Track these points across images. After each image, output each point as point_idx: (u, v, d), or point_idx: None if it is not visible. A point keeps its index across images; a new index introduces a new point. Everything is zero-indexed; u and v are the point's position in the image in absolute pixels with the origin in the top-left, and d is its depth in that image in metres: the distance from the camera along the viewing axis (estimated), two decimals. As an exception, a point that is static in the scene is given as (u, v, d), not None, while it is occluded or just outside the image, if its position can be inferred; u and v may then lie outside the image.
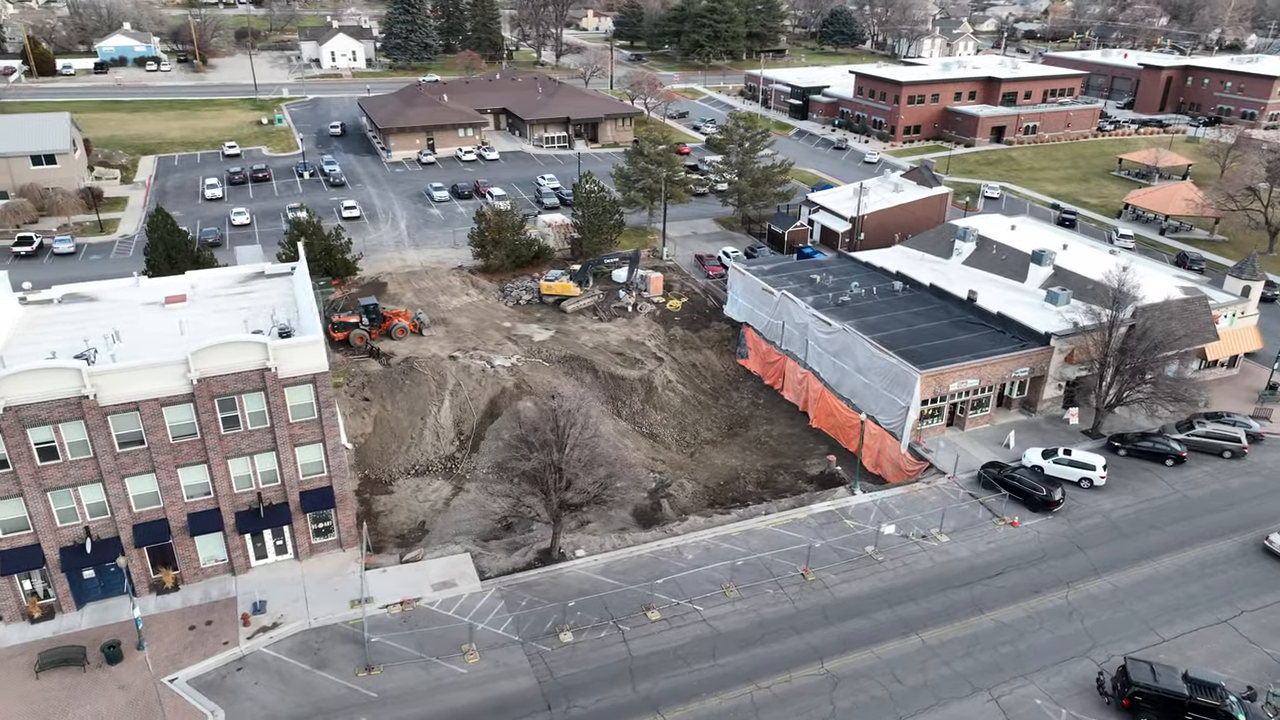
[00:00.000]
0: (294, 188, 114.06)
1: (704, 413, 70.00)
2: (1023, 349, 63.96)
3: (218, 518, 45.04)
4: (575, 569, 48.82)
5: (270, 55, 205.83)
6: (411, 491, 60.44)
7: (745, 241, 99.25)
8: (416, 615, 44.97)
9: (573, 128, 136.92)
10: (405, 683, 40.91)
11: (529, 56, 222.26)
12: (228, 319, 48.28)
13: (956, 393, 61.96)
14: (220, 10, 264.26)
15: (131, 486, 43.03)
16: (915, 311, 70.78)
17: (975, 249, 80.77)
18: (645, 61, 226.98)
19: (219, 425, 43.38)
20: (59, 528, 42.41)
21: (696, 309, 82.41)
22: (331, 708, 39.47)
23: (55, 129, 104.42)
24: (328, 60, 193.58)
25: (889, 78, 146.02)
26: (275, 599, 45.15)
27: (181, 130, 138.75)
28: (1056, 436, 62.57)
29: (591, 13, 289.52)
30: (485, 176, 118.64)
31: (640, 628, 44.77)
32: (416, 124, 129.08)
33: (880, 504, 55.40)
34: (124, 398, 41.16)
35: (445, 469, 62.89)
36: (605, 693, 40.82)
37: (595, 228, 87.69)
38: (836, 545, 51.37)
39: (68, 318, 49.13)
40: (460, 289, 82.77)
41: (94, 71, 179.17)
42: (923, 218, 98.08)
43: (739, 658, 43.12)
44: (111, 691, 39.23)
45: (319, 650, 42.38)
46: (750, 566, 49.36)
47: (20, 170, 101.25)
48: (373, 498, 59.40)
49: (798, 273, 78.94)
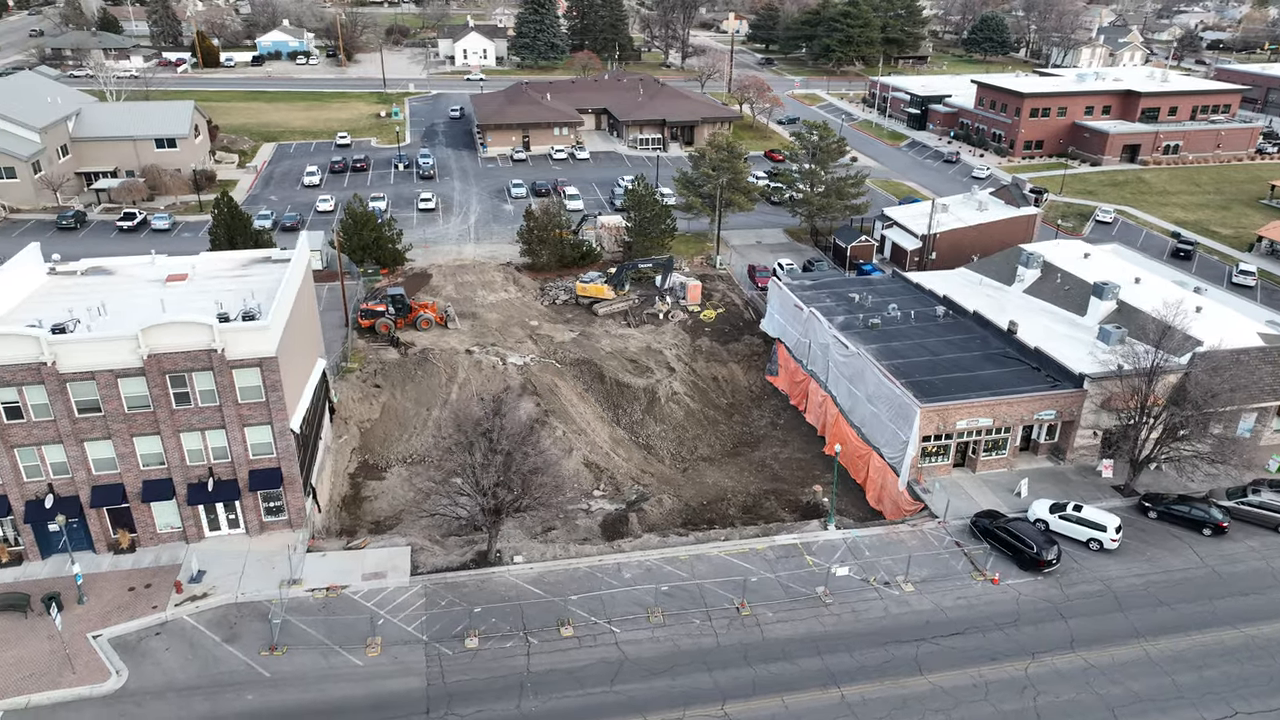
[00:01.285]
0: (387, 178, 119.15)
1: (709, 428, 67.72)
2: (1053, 389, 58.14)
3: (170, 487, 47.46)
4: (507, 575, 48.26)
5: (412, 51, 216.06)
6: (402, 480, 61.56)
7: (810, 254, 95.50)
8: (338, 602, 45.73)
9: (668, 130, 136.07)
10: (301, 667, 41.68)
11: (658, 58, 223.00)
12: (210, 299, 50.70)
13: (966, 431, 57.04)
14: (378, 8, 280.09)
15: (90, 450, 45.99)
16: (949, 340, 65.77)
17: (1039, 276, 74.20)
18: (775, 66, 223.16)
19: (170, 400, 45.64)
20: (24, 482, 45.88)
21: (732, 320, 79.93)
22: (225, 682, 40.72)
23: (177, 116, 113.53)
24: (460, 57, 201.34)
25: (1010, 88, 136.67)
26: (215, 571, 47.09)
27: (306, 120, 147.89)
28: (1082, 489, 56.48)
29: (733, 15, 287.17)
30: (570, 176, 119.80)
31: (549, 643, 43.70)
32: (513, 121, 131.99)
33: (851, 543, 51.73)
34: (81, 367, 43.99)
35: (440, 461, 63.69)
36: (488, 705, 40.06)
37: (644, 231, 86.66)
38: (787, 581, 48.36)
39: (80, 289, 53.03)
40: (501, 285, 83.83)
41: (251, 64, 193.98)
42: (1005, 239, 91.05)
43: (637, 687, 41.29)
44: (40, 639, 42.04)
45: (235, 625, 43.83)
46: (685, 593, 47.21)
47: (145, 152, 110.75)
48: (364, 482, 61.01)
49: (839, 290, 75.05)
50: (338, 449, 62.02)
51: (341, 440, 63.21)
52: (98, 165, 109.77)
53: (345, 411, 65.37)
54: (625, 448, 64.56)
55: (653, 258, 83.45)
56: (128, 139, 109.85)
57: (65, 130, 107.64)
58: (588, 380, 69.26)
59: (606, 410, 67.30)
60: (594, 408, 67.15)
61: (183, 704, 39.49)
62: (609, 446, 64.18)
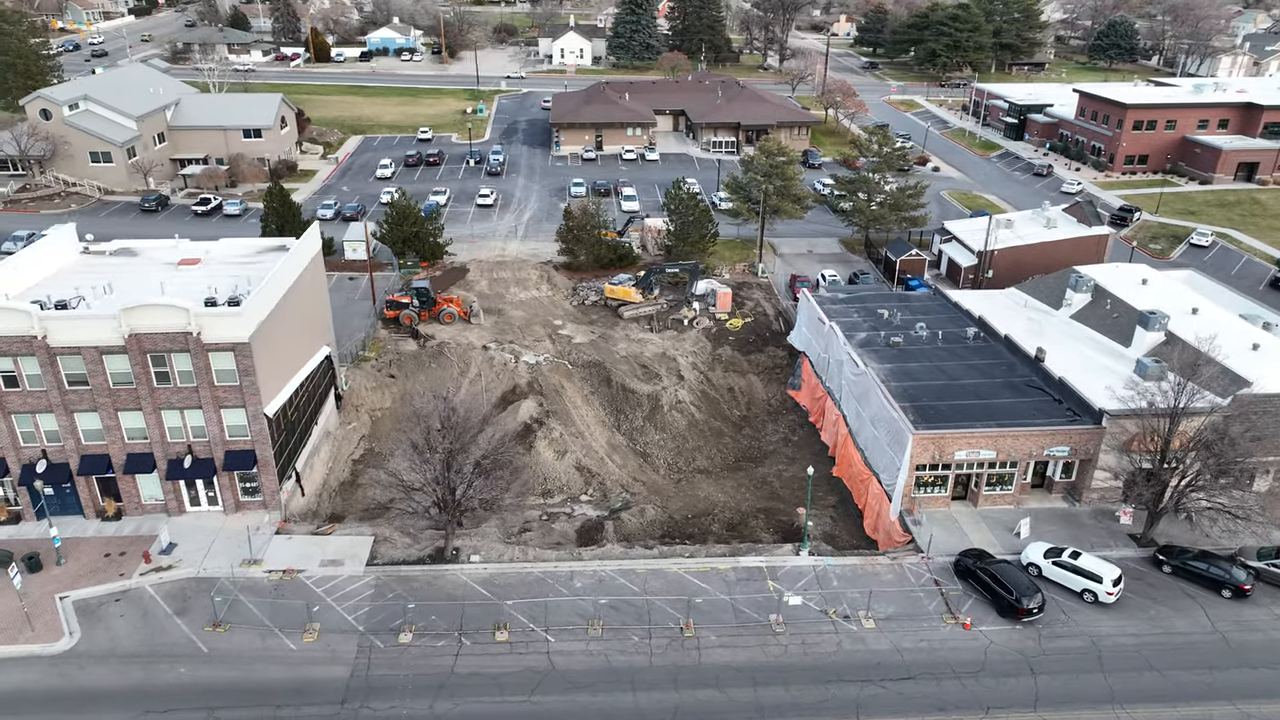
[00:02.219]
0: (456, 173, 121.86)
1: (712, 440, 65.96)
2: (1070, 424, 53.81)
3: (152, 461, 49.70)
4: (459, 573, 48.26)
5: (514, 50, 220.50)
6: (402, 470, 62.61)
7: (862, 266, 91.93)
8: (291, 585, 46.78)
9: (743, 133, 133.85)
10: (238, 646, 42.82)
11: (757, 60, 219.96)
12: (213, 283, 52.88)
13: (966, 463, 53.45)
14: (491, 7, 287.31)
15: (79, 421, 48.67)
16: (972, 364, 61.95)
17: (1089, 301, 68.96)
18: (879, 70, 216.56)
19: (150, 378, 47.78)
20: (21, 447, 48.97)
21: (759, 331, 77.70)
22: (164, 653, 42.26)
23: (265, 107, 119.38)
24: (557, 56, 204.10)
25: (1112, 98, 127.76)
26: (186, 544, 49.03)
27: (396, 115, 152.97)
28: (1094, 535, 52.04)
29: (844, 18, 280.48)
30: (635, 176, 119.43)
31: (481, 645, 43.41)
32: (586, 120, 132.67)
33: (820, 571, 49.27)
34: (69, 342, 46.57)
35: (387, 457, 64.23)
36: (402, 702, 40.10)
37: (684, 236, 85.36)
38: (742, 605, 46.47)
39: (103, 268, 56.27)
40: (534, 283, 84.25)
41: (359, 60, 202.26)
42: (1072, 260, 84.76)
43: (555, 700, 40.48)
44: (11, 596, 44.66)
45: (189, 598, 45.46)
46: (632, 608, 46.03)
47: (233, 141, 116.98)
48: (364, 470, 62.35)
49: (871, 305, 71.83)
50: (344, 435, 63.53)
51: (350, 427, 64.74)
52: (191, 152, 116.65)
53: (357, 399, 66.98)
54: (621, 454, 63.65)
55: (680, 263, 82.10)
56: (218, 128, 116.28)
57: (163, 119, 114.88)
58: (594, 383, 68.69)
59: (609, 414, 66.55)
60: (597, 411, 66.53)
61: (119, 670, 41.21)
62: (605, 451, 63.41)
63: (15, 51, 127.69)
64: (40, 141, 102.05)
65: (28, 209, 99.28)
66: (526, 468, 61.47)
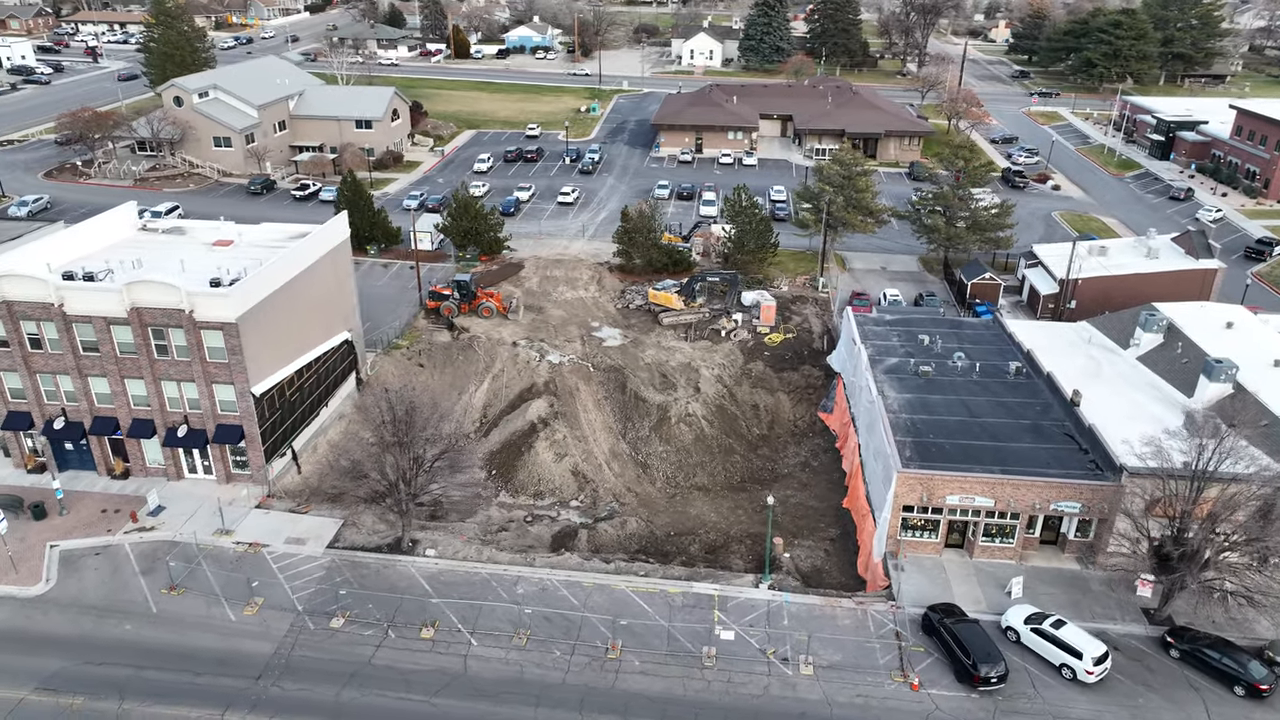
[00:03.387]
0: (550, 170, 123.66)
1: (718, 457, 63.65)
2: (1088, 478, 48.31)
3: (152, 427, 53.04)
4: (410, 565, 48.76)
5: (648, 50, 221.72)
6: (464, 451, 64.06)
7: (936, 287, 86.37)
8: (252, 559, 48.69)
9: (848, 141, 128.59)
10: (184, 611, 44.96)
11: (897, 65, 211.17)
12: (229, 264, 55.85)
13: (960, 509, 48.98)
14: (638, 8, 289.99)
15: (92, 385, 52.57)
16: (1002, 402, 56.86)
17: (1159, 343, 61.86)
18: (1029, 79, 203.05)
19: (151, 350, 50.97)
20: (45, 404, 53.41)
21: (799, 348, 74.34)
22: (119, 609, 44.95)
23: (376, 100, 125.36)
24: (686, 57, 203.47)
25: (1271, 116, 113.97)
26: (174, 509, 52.03)
27: (513, 111, 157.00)
28: (1101, 604, 46.58)
29: (1004, 23, 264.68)
30: (726, 181, 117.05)
31: (405, 640, 43.65)
32: (687, 122, 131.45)
33: (774, 608, 46.48)
34: (82, 311, 50.37)
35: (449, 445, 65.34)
36: (312, 686, 40.88)
37: (741, 245, 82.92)
38: (679, 633, 44.52)
39: (149, 244, 60.57)
40: (584, 283, 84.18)
41: (496, 56, 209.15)
42: (1172, 295, 76.24)
43: (455, 705, 40.14)
44: (10, 539, 48.82)
45: (157, 560, 48.16)
46: (567, 621, 45.02)
47: (346, 131, 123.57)
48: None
49: (915, 329, 67.29)
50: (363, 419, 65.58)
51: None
52: (308, 140, 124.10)
53: (384, 385, 68.98)
54: (622, 462, 62.51)
55: (720, 271, 79.71)
56: (333, 119, 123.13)
57: (286, 108, 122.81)
58: (610, 388, 67.81)
59: (618, 421, 65.52)
60: (606, 417, 65.67)
61: (74, 620, 44.19)
62: (605, 458, 62.50)
63: (174, 43, 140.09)
64: (170, 126, 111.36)
65: (154, 187, 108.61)
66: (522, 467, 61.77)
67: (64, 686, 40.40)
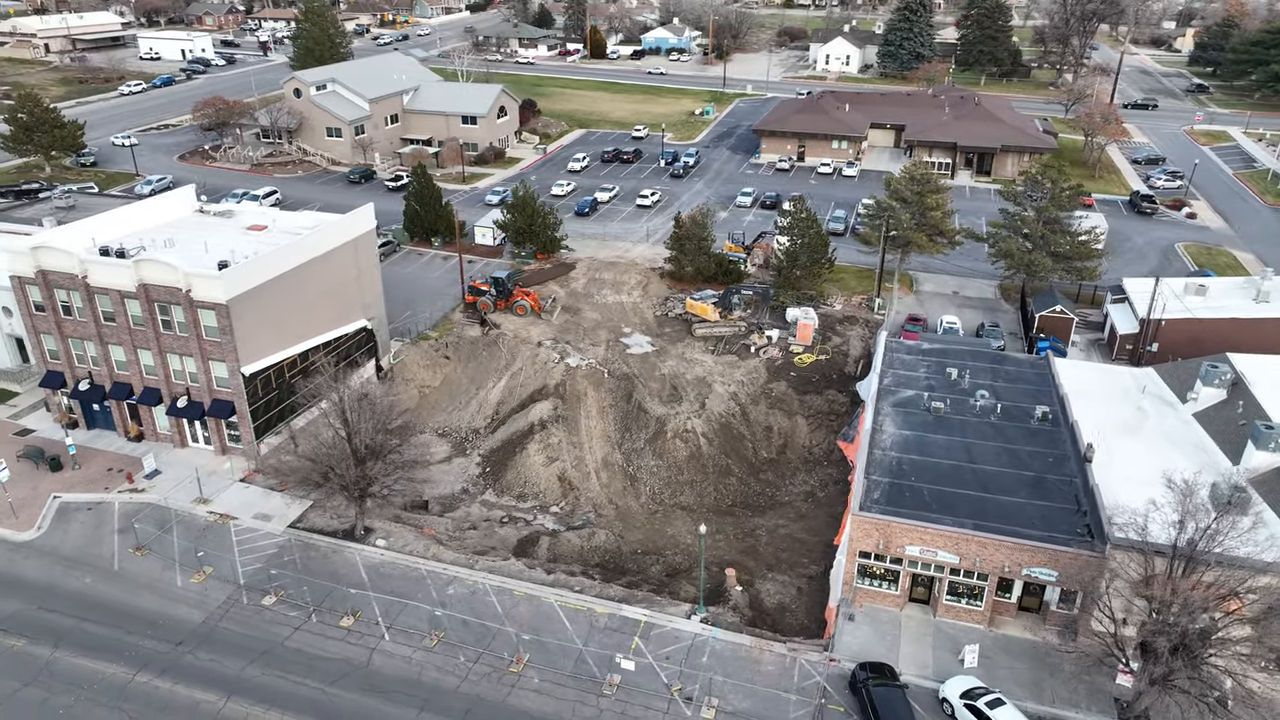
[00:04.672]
0: (643, 171, 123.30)
1: (711, 477, 61.16)
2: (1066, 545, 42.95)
3: (159, 396, 56.75)
4: (357, 553, 49.73)
5: (783, 55, 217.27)
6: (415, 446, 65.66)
7: (1009, 317, 79.67)
8: (218, 529, 51.16)
9: (961, 155, 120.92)
10: (140, 570, 47.80)
11: (1051, 75, 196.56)
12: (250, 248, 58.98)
13: (923, 563, 44.76)
14: (785, 10, 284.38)
15: (112, 352, 56.84)
16: (1010, 449, 51.68)
17: (1221, 400, 54.40)
18: (1208, 93, 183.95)
19: (157, 324, 54.53)
20: (75, 366, 58.25)
21: (829, 371, 70.36)
22: (87, 562, 48.36)
23: (482, 97, 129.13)
24: (822, 62, 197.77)
25: None
26: (168, 474, 55.46)
27: (627, 112, 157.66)
28: (1068, 688, 41.32)
29: (1191, 32, 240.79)
30: (818, 192, 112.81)
31: (326, 625, 44.58)
32: (790, 129, 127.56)
33: (698, 643, 44.12)
34: (102, 283, 54.54)
35: (461, 439, 66.53)
36: (222, 658, 42.42)
37: (793, 258, 79.48)
38: (590, 656, 43.13)
39: (196, 225, 64.92)
40: (630, 288, 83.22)
41: (630, 58, 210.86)
42: (1277, 343, 67.02)
43: (345, 696, 40.55)
44: (22, 486, 53.56)
45: (136, 520, 51.46)
46: (485, 629, 44.58)
47: (453, 126, 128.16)
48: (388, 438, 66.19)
49: (950, 361, 62.24)
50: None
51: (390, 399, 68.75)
52: (418, 134, 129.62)
53: (408, 374, 70.97)
54: (611, 472, 61.27)
55: (751, 286, 76.53)
56: (441, 114, 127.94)
57: (399, 102, 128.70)
58: (617, 396, 66.61)
59: (617, 430, 64.24)
60: (606, 425, 64.56)
61: (47, 567, 47.92)
62: (595, 467, 61.48)
63: (315, 39, 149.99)
64: (288, 115, 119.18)
65: (266, 172, 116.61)
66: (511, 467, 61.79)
67: (13, 628, 43.87)
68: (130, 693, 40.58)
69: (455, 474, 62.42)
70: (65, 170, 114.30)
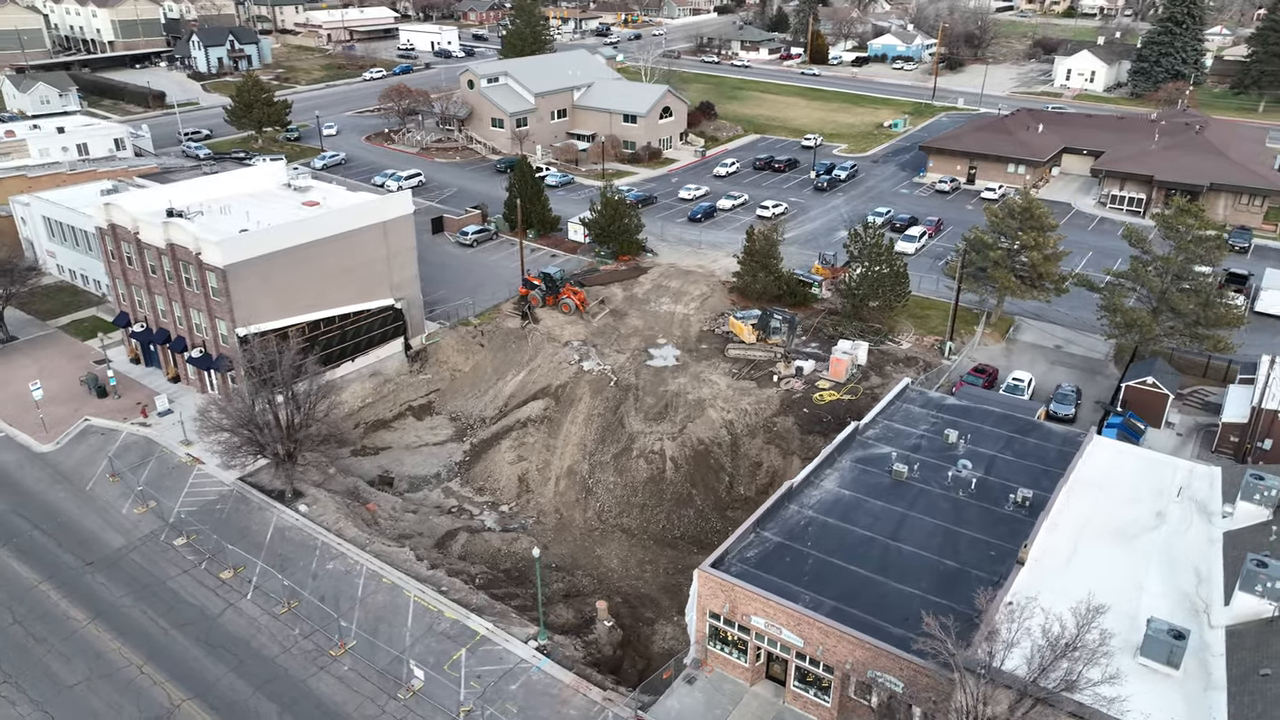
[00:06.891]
0: (788, 182, 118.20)
1: (666, 504, 57.63)
2: (916, 652, 35.97)
3: (185, 345, 63.49)
4: (277, 513, 52.61)
5: (1032, 67, 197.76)
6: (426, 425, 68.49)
7: (1107, 384, 67.70)
8: (184, 469, 56.48)
9: (1157, 190, 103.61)
10: (103, 495, 53.93)
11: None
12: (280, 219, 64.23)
13: (769, 638, 39.51)
14: (1066, 19, 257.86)
15: (157, 301, 64.42)
16: (952, 532, 44.39)
17: (1261, 521, 42.90)
18: None
19: (182, 281, 61.00)
20: (136, 309, 66.68)
21: (845, 414, 63.38)
22: (70, 479, 55.41)
23: (646, 96, 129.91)
24: (1061, 77, 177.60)
25: None
26: (177, 415, 61.85)
27: (813, 120, 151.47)
28: (890, 823, 34.90)
29: None
30: (973, 219, 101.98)
31: (208, 574, 47.95)
32: (961, 148, 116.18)
33: (517, 669, 42.13)
34: (148, 240, 61.94)
35: (466, 425, 68.23)
36: (110, 585, 46.95)
37: (859, 287, 72.82)
38: (414, 655, 42.70)
39: (269, 196, 71.63)
40: (691, 299, 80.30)
41: (851, 64, 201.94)
42: None
43: (179, 643, 43.44)
44: (68, 406, 62.33)
45: (129, 448, 58.07)
46: (336, 607, 45.57)
47: (615, 123, 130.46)
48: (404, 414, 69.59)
49: (962, 423, 54.31)
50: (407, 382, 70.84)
51: (421, 377, 71.97)
52: (583, 129, 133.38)
53: (442, 356, 73.80)
54: (570, 481, 59.80)
55: (783, 310, 70.35)
56: (606, 111, 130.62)
57: (569, 98, 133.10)
58: (609, 405, 64.71)
59: (594, 440, 62.40)
60: (586, 433, 62.95)
61: (36, 476, 55.58)
62: (559, 474, 60.38)
63: (524, 36, 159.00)
64: (460, 105, 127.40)
65: (431, 156, 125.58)
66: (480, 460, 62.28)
67: (-19, 522, 51.44)
68: (28, 597, 46.14)
69: (440, 458, 64.12)
70: (273, 143, 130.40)
